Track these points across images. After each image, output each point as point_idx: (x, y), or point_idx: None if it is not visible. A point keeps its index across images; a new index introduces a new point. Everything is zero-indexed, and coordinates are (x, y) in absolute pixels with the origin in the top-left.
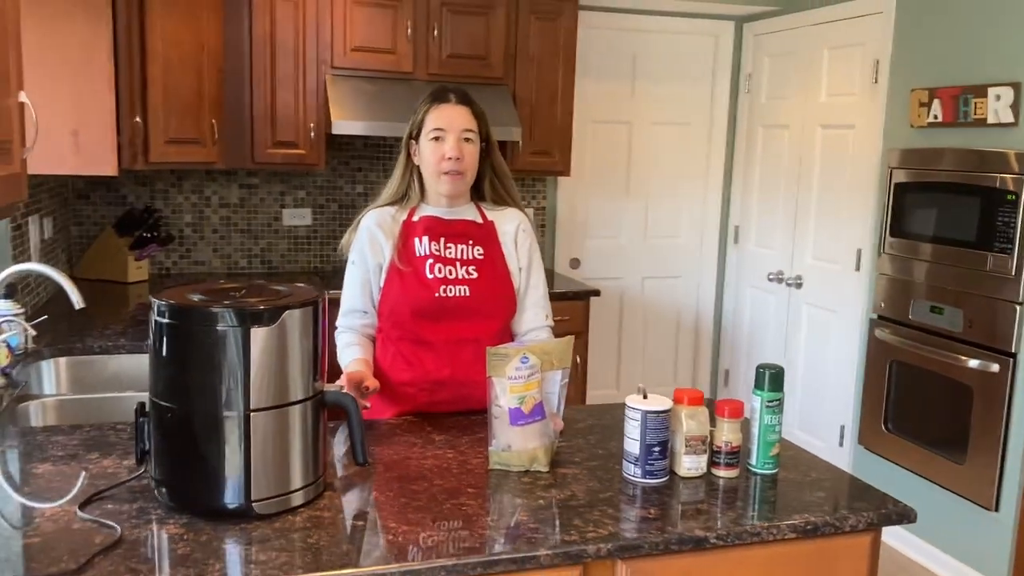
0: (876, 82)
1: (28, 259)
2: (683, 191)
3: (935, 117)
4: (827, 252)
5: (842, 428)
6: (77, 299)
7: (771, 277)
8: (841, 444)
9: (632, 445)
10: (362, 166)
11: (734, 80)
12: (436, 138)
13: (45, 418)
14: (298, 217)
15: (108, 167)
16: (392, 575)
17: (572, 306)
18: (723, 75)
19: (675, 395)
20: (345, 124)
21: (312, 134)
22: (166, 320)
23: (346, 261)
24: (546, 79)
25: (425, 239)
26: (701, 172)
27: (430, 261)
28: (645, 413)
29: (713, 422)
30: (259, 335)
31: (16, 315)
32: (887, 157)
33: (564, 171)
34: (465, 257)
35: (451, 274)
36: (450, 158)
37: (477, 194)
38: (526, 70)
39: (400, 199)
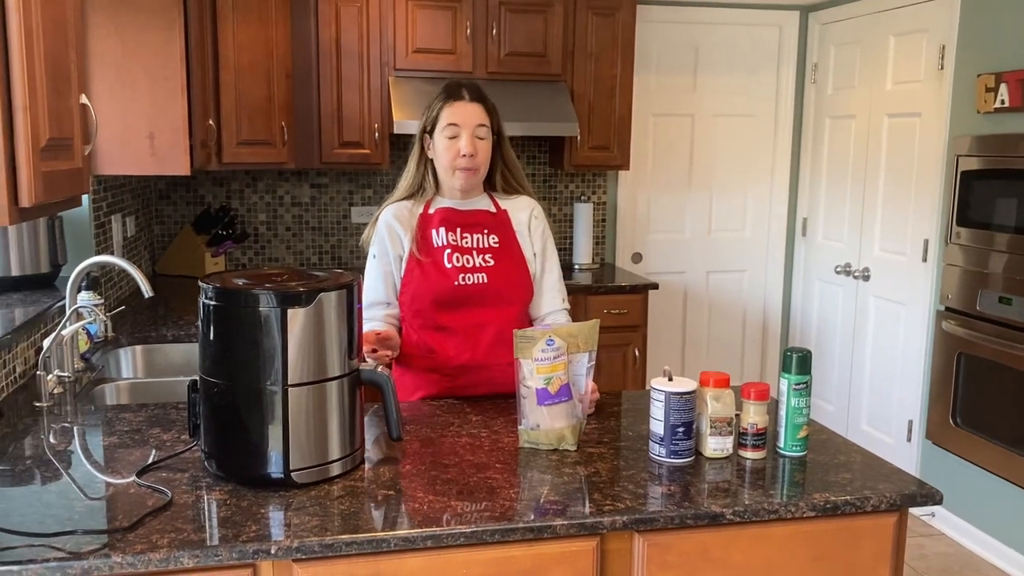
0: (942, 68)
1: (110, 254)
2: (748, 184)
3: (1002, 102)
4: (894, 243)
5: (910, 423)
6: (146, 288)
7: (839, 270)
8: (909, 439)
9: (657, 425)
10: None
11: (799, 70)
12: (451, 135)
13: (118, 398)
14: (365, 214)
15: (182, 168)
16: (416, 539)
17: (630, 300)
18: (788, 66)
19: (701, 377)
20: (407, 124)
21: (376, 134)
22: (213, 302)
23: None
24: (604, 74)
25: (442, 230)
26: (767, 165)
27: (448, 251)
28: (669, 394)
29: (740, 404)
30: (297, 315)
31: (96, 305)
32: (954, 145)
33: (623, 165)
34: (481, 246)
35: (468, 263)
36: (464, 155)
37: (489, 185)
38: (584, 66)
39: (415, 192)
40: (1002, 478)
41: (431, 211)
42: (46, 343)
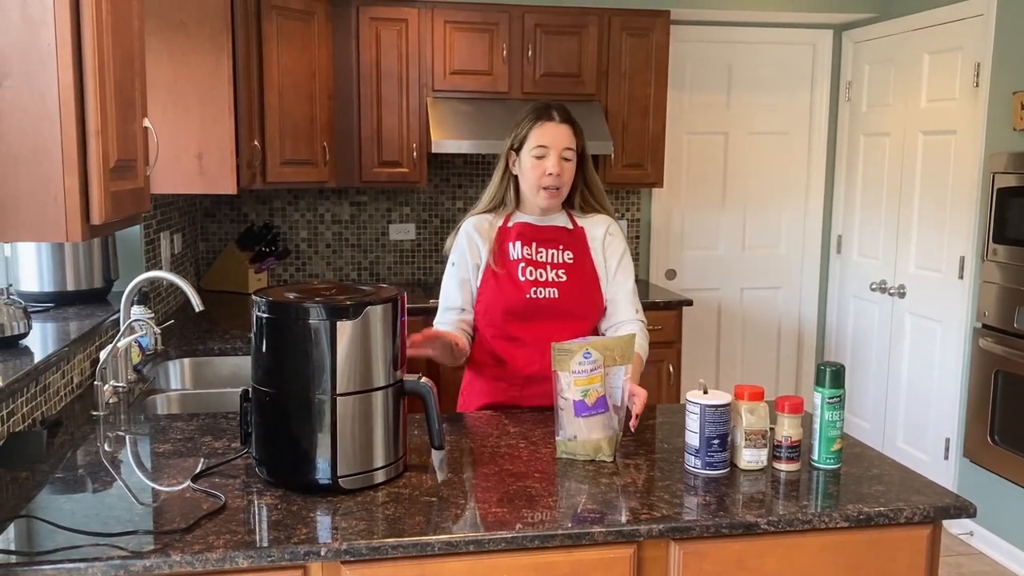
0: (977, 86)
1: (159, 270)
2: (782, 201)
3: None
4: (930, 260)
5: (947, 441)
6: (197, 302)
7: (874, 287)
8: (946, 457)
9: (692, 438)
10: (462, 183)
11: (833, 88)
12: (539, 156)
13: (169, 408)
14: (403, 232)
15: (228, 187)
16: (458, 543)
17: (664, 316)
18: (822, 84)
19: (735, 390)
20: (445, 143)
21: (415, 154)
22: (265, 315)
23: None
24: (638, 93)
25: (518, 244)
26: (801, 182)
27: (522, 264)
28: (704, 407)
29: (774, 418)
30: (345, 328)
31: (148, 319)
32: (989, 162)
33: (657, 183)
34: (556, 261)
35: (542, 276)
36: (551, 174)
37: (568, 203)
38: (618, 85)
39: (497, 206)
40: None
41: (509, 224)
42: (102, 355)
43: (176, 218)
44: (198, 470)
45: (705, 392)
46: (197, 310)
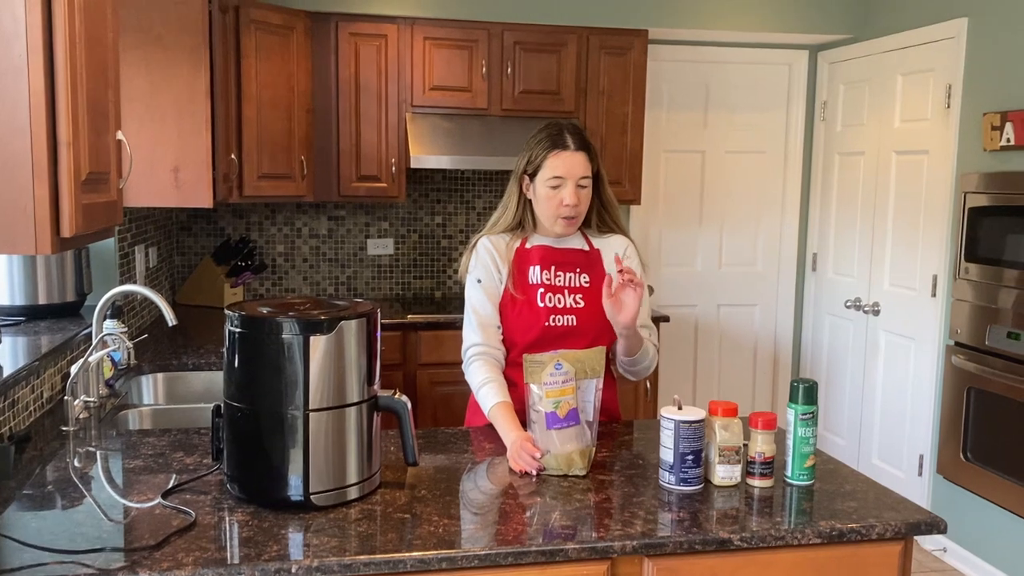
0: (948, 107)
1: (133, 284)
2: (758, 219)
3: (1008, 140)
4: (904, 278)
5: (921, 458)
6: (170, 317)
7: (849, 304)
8: (920, 474)
9: (667, 453)
10: (441, 198)
11: (809, 108)
12: (555, 186)
13: (141, 424)
14: (381, 247)
15: (204, 200)
16: (431, 560)
17: None
18: (798, 103)
19: (709, 406)
20: (424, 159)
21: (393, 169)
22: (238, 329)
23: (462, 286)
24: (616, 111)
25: (537, 268)
26: (777, 200)
27: (541, 290)
28: (678, 423)
29: (748, 434)
30: (318, 343)
31: (120, 333)
32: (961, 182)
33: (635, 200)
34: (573, 285)
35: (560, 303)
36: (568, 205)
37: (584, 222)
38: (596, 103)
39: (514, 228)
40: (1013, 513)
41: (528, 246)
42: (73, 369)
43: (151, 231)
44: (169, 486)
45: (679, 408)
46: (170, 324)
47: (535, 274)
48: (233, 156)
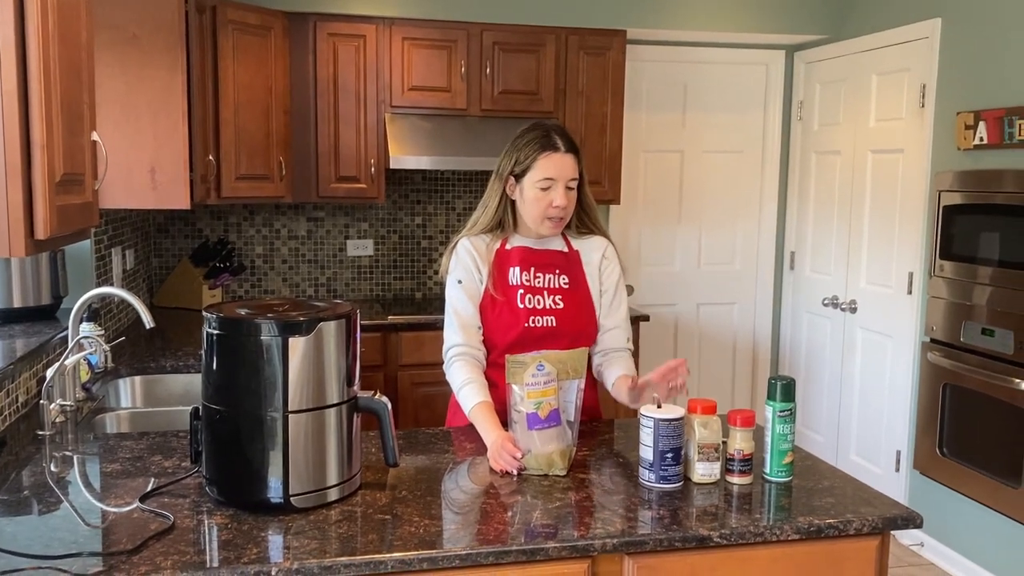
0: (923, 106)
1: (110, 286)
2: (736, 218)
3: (981, 139)
4: (880, 276)
5: (898, 453)
6: (148, 319)
7: (826, 302)
8: (898, 469)
9: (646, 451)
10: (420, 199)
11: (786, 108)
12: (544, 188)
13: (119, 427)
14: (361, 248)
15: (182, 202)
16: (412, 561)
17: None
18: (775, 103)
19: (688, 405)
20: (403, 159)
21: (373, 169)
22: (216, 331)
23: (442, 287)
24: (595, 111)
25: (517, 269)
26: (755, 199)
27: (521, 291)
28: (657, 421)
29: (727, 431)
30: (297, 344)
31: (97, 336)
32: (936, 180)
33: (614, 200)
34: (552, 286)
35: (539, 304)
36: (557, 206)
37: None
38: (575, 103)
39: (494, 229)
40: (989, 507)
41: (508, 247)
42: (49, 373)
43: (128, 233)
44: (147, 490)
45: (659, 406)
46: (148, 327)
47: (515, 275)
48: (211, 157)
